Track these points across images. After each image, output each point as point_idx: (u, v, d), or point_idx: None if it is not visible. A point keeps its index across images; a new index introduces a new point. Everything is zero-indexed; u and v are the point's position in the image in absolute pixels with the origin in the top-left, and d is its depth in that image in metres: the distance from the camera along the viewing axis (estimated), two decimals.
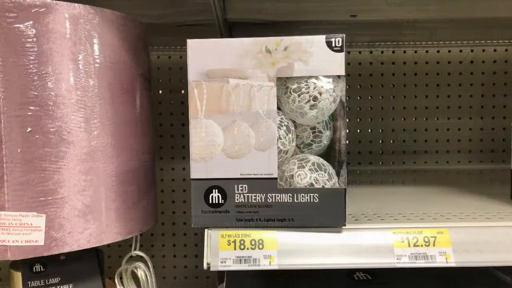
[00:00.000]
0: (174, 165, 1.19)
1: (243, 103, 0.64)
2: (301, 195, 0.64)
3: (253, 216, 0.64)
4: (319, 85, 0.64)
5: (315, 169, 0.65)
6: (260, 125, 0.64)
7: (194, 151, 0.64)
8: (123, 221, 0.74)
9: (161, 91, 1.18)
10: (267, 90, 0.63)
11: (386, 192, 0.91)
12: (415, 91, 1.19)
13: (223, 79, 0.63)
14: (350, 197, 0.86)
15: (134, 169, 0.75)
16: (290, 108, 0.66)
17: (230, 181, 0.64)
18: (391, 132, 1.19)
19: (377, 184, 1.01)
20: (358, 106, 1.19)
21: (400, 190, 0.93)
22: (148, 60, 0.81)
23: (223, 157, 0.64)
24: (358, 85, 1.18)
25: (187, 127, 0.62)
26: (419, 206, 0.78)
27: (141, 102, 0.77)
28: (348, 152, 1.18)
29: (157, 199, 0.87)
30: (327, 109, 0.66)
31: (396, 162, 1.18)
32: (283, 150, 0.66)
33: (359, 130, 1.19)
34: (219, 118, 0.64)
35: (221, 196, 0.64)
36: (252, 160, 0.64)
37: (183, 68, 1.17)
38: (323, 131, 0.69)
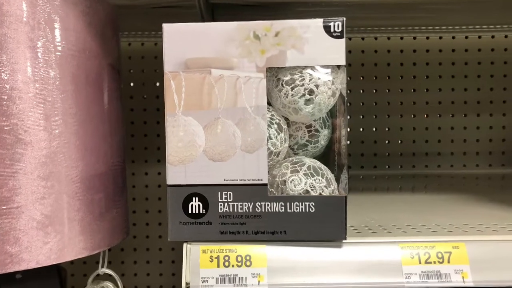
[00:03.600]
0: (148, 169, 1.19)
1: (227, 97, 0.64)
2: (294, 204, 0.64)
3: (240, 228, 0.64)
4: (315, 77, 0.65)
5: (311, 173, 0.65)
6: (248, 123, 0.64)
7: (171, 153, 0.64)
8: (89, 234, 0.73)
9: (132, 84, 1.18)
10: (255, 82, 0.63)
11: (393, 201, 0.91)
12: (427, 84, 1.19)
13: (204, 70, 0.63)
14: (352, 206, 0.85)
15: (102, 174, 0.75)
16: (282, 103, 0.66)
17: (213, 188, 0.64)
18: (399, 131, 1.19)
19: (383, 191, 1.01)
20: (360, 100, 1.19)
21: (409, 198, 0.93)
22: (118, 48, 0.81)
23: (204, 160, 0.64)
24: (361, 77, 1.19)
25: (162, 125, 0.63)
26: (431, 216, 0.78)
27: (109, 96, 0.77)
28: (349, 154, 1.18)
29: (128, 209, 0.87)
30: (325, 105, 0.66)
31: (404, 165, 1.18)
32: (274, 152, 0.66)
33: (362, 128, 1.19)
34: (200, 115, 0.64)
35: (202, 205, 0.64)
36: (238, 164, 0.64)
37: (158, 57, 1.17)
38: (320, 130, 0.69)
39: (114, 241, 0.78)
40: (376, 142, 1.19)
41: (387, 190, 1.01)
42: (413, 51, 1.18)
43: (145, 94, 1.18)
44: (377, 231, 0.70)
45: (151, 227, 1.21)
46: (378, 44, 1.18)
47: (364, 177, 1.14)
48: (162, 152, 1.18)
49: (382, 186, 1.06)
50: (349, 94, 1.18)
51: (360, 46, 1.18)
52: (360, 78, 1.19)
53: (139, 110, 1.18)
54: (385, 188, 1.04)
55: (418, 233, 0.69)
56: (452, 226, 0.73)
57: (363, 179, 1.13)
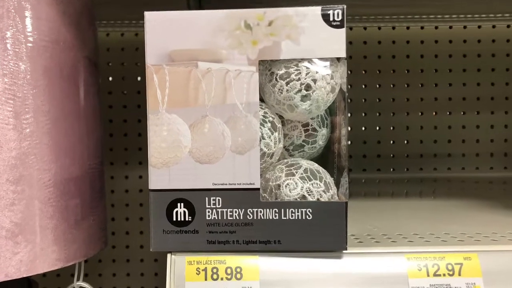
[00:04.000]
0: (128, 172, 1.19)
1: (216, 93, 0.63)
2: (290, 211, 0.64)
3: (229, 237, 0.64)
4: (313, 70, 0.64)
5: (308, 177, 0.65)
6: (238, 121, 0.63)
7: (154, 155, 0.63)
8: (63, 244, 0.73)
9: (111, 78, 1.18)
10: (246, 76, 0.63)
11: (398, 207, 0.91)
12: (436, 78, 1.19)
13: (190, 63, 0.63)
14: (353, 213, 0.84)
15: (77, 178, 0.75)
16: (277, 100, 0.66)
17: (200, 193, 0.64)
18: (405, 130, 1.19)
19: (387, 196, 1.01)
20: (362, 97, 1.19)
21: (416, 204, 0.93)
22: (95, 39, 0.81)
23: (190, 162, 0.64)
24: (363, 70, 1.19)
25: (144, 124, 0.62)
26: (440, 224, 0.78)
27: (86, 91, 0.76)
28: (350, 156, 1.18)
29: (106, 216, 0.86)
30: (323, 101, 0.66)
31: (411, 168, 1.19)
32: (268, 153, 0.66)
33: (364, 127, 1.19)
34: (185, 113, 0.63)
35: (188, 212, 0.64)
36: (228, 166, 0.63)
37: (139, 48, 1.18)
38: (318, 129, 0.69)
39: (91, 252, 0.78)
40: (380, 143, 1.19)
41: (391, 195, 1.01)
42: (421, 42, 1.19)
43: (125, 90, 1.18)
44: (380, 240, 0.70)
45: (131, 236, 1.21)
46: (382, 35, 1.18)
47: (366, 181, 1.15)
48: (144, 153, 1.17)
49: (386, 190, 1.06)
50: (350, 90, 1.18)
51: (362, 36, 1.18)
52: (362, 72, 1.19)
53: (118, 107, 1.18)
54: (390, 193, 1.04)
55: (426, 243, 0.68)
56: (463, 235, 0.72)
57: (366, 183, 1.13)
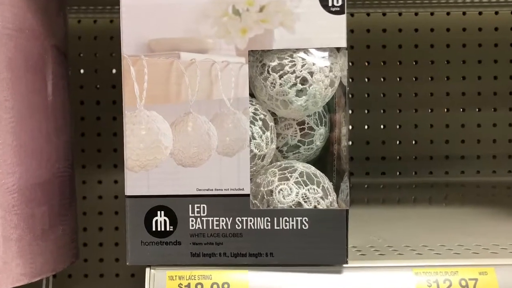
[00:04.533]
0: (102, 177, 1.19)
1: (200, 87, 0.63)
2: (283, 220, 0.63)
3: (215, 249, 0.64)
4: (309, 62, 0.64)
5: (304, 182, 0.65)
6: (226, 119, 0.63)
7: (131, 157, 0.64)
8: (28, 257, 0.73)
9: (83, 70, 1.18)
10: (235, 68, 0.63)
11: (405, 215, 0.91)
12: (448, 70, 1.19)
13: (171, 53, 0.63)
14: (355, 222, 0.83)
15: (45, 182, 0.74)
16: (269, 95, 0.66)
17: (183, 200, 0.64)
18: (413, 128, 1.19)
19: (392, 203, 1.01)
20: (365, 91, 1.19)
21: (425, 212, 0.93)
22: (65, 26, 0.80)
23: (172, 165, 0.63)
24: (366, 62, 1.19)
25: (120, 122, 0.62)
26: (453, 235, 0.78)
27: (54, 85, 0.76)
28: (351, 158, 1.18)
29: (77, 226, 0.86)
30: (321, 96, 0.65)
31: (420, 171, 1.19)
32: (259, 155, 0.66)
33: (367, 126, 1.19)
34: (166, 109, 0.63)
35: (170, 221, 0.64)
36: (214, 170, 0.63)
37: (115, 37, 1.17)
38: (315, 127, 0.69)
39: (60, 266, 0.77)
40: (385, 143, 1.19)
41: (398, 202, 1.01)
42: (431, 30, 1.19)
43: (99, 83, 1.18)
44: (385, 252, 0.70)
45: (106, 248, 1.21)
46: (387, 21, 1.18)
47: (369, 186, 1.15)
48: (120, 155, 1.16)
49: (392, 197, 1.06)
50: (351, 84, 1.18)
51: (365, 23, 1.18)
52: (365, 64, 1.19)
53: (91, 103, 1.18)
54: (396, 199, 1.04)
55: (436, 256, 0.68)
56: (478, 247, 0.72)
57: (369, 188, 1.14)
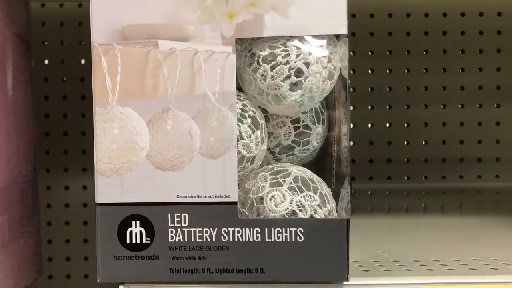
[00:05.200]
0: (69, 182, 1.19)
1: (181, 80, 0.63)
2: (275, 231, 0.63)
3: (198, 264, 0.64)
4: (305, 51, 0.64)
5: (299, 187, 0.65)
6: (210, 116, 0.63)
7: (102, 159, 0.64)
8: None
9: (48, 61, 1.18)
10: (220, 59, 0.63)
11: (414, 225, 0.91)
12: (462, 61, 1.19)
13: (149, 41, 0.62)
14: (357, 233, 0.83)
15: (4, 188, 0.74)
16: (259, 89, 0.66)
17: (161, 208, 0.64)
18: (423, 127, 1.20)
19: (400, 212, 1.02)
20: (369, 85, 1.19)
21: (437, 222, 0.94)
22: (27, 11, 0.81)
23: (149, 168, 0.63)
24: (369, 51, 1.19)
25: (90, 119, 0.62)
26: (468, 248, 0.78)
27: (15, 78, 0.76)
28: (352, 161, 1.18)
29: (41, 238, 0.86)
30: (319, 91, 0.65)
31: (431, 176, 1.19)
32: (247, 157, 0.66)
33: (371, 124, 1.20)
34: (142, 105, 0.63)
35: (146, 232, 0.64)
36: (197, 174, 0.63)
37: (83, 23, 1.17)
38: (311, 126, 0.69)
39: (22, 283, 0.77)
40: (391, 144, 1.19)
41: (406, 211, 1.02)
42: (443, 15, 1.19)
43: (65, 76, 1.18)
44: (391, 268, 0.70)
45: (73, 263, 1.20)
46: (393, 5, 1.18)
47: (374, 193, 1.15)
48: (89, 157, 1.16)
49: (399, 205, 1.06)
50: (353, 76, 1.18)
51: (368, 7, 1.18)
52: (368, 53, 1.19)
53: (56, 98, 1.18)
54: (404, 207, 1.04)
55: (450, 272, 0.68)
56: (498, 261, 0.72)
57: (373, 195, 1.14)
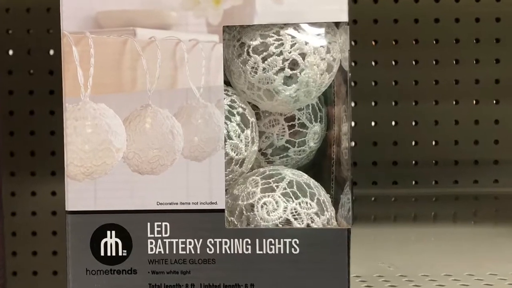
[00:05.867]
0: (36, 187, 1.18)
1: (162, 73, 0.63)
2: (268, 242, 0.64)
3: (181, 279, 0.64)
4: (300, 41, 0.64)
5: (294, 193, 0.65)
6: (194, 113, 0.64)
7: (73, 162, 0.64)
8: None
9: (12, 52, 1.17)
10: (206, 49, 0.63)
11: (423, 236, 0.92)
12: (477, 51, 1.19)
13: (125, 30, 0.63)
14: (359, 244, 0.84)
15: None
16: (249, 83, 0.66)
17: (139, 216, 0.64)
18: (433, 125, 1.19)
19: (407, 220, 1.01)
20: (372, 78, 1.19)
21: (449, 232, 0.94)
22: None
23: (126, 172, 0.64)
24: (373, 41, 1.19)
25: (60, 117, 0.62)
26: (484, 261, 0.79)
27: None
28: (354, 163, 1.17)
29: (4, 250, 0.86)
30: (316, 85, 0.66)
31: (442, 180, 1.18)
32: (236, 159, 0.66)
33: (375, 122, 1.19)
34: (118, 101, 0.64)
35: (123, 244, 0.64)
36: (179, 178, 0.64)
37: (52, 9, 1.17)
38: (308, 124, 0.69)
39: None
40: (397, 144, 1.19)
41: (414, 220, 1.02)
42: (455, 0, 1.19)
43: (32, 68, 1.17)
44: (398, 284, 0.71)
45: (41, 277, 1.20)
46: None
47: (378, 199, 1.14)
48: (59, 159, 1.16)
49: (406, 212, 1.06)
50: (355, 68, 1.17)
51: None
52: (372, 43, 1.19)
53: (22, 93, 1.17)
54: (411, 215, 1.04)
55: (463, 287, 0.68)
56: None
57: (377, 201, 1.13)
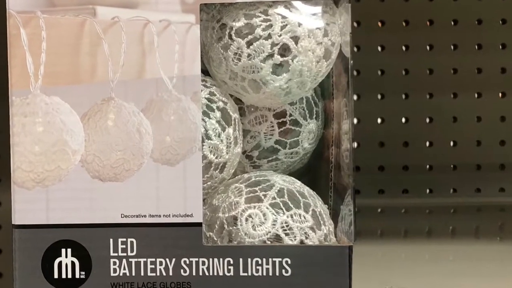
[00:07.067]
0: None
1: (128, 60, 0.62)
2: (254, 262, 0.62)
3: None
4: (292, 22, 0.63)
5: (285, 204, 0.63)
6: (166, 108, 0.62)
7: (21, 166, 0.62)
8: None
9: None
10: (180, 32, 0.62)
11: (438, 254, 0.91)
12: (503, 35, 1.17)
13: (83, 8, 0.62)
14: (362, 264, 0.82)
15: None
16: (231, 72, 0.65)
17: (100, 231, 0.62)
18: (451, 123, 1.17)
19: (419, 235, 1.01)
20: (378, 66, 1.17)
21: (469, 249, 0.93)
22: None
23: (84, 178, 0.62)
24: (379, 22, 1.16)
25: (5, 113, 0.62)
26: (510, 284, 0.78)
27: None
28: (357, 168, 1.15)
29: None
30: (311, 74, 0.64)
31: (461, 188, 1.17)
32: (216, 163, 0.64)
33: (381, 119, 1.17)
34: (75, 94, 0.62)
35: (80, 264, 0.62)
36: (148, 186, 0.62)
37: None
38: (301, 121, 0.68)
39: None
40: (408, 145, 1.17)
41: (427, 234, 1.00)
42: None
43: None
44: None
45: None
46: None
47: (384, 210, 1.13)
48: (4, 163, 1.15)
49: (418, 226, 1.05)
50: (357, 54, 1.15)
51: None
52: (378, 24, 1.16)
53: None
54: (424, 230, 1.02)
55: None
56: None
57: (383, 213, 1.11)
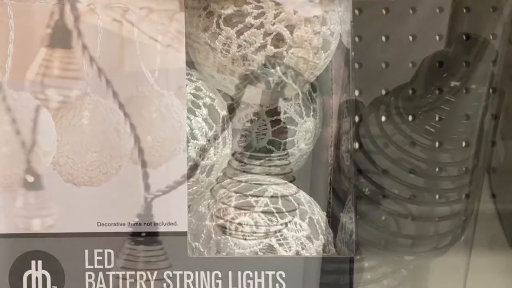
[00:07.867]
0: None
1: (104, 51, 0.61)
2: (245, 276, 0.61)
3: None
4: (287, 9, 0.62)
5: (279, 211, 0.62)
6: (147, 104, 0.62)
7: None
8: None
9: None
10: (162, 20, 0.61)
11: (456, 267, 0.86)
12: None
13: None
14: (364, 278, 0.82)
15: None
16: (220, 64, 0.64)
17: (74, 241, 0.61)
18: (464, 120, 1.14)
19: None
20: (383, 59, 1.14)
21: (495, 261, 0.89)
22: None
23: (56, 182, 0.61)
24: (383, 9, 1.13)
25: None
26: None
27: None
28: (359, 171, 1.12)
29: None
30: (307, 67, 0.63)
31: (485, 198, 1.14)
32: (202, 166, 0.64)
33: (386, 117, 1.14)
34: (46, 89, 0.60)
35: (52, 278, 0.61)
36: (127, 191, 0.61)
37: None
38: (297, 119, 0.67)
39: None
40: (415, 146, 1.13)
41: None
42: None
43: None
44: None
45: None
46: None
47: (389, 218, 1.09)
48: None
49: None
50: (359, 45, 1.12)
51: None
52: (382, 12, 1.13)
53: None
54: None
55: None
56: None
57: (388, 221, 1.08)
